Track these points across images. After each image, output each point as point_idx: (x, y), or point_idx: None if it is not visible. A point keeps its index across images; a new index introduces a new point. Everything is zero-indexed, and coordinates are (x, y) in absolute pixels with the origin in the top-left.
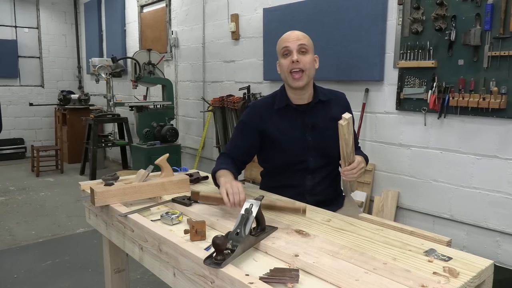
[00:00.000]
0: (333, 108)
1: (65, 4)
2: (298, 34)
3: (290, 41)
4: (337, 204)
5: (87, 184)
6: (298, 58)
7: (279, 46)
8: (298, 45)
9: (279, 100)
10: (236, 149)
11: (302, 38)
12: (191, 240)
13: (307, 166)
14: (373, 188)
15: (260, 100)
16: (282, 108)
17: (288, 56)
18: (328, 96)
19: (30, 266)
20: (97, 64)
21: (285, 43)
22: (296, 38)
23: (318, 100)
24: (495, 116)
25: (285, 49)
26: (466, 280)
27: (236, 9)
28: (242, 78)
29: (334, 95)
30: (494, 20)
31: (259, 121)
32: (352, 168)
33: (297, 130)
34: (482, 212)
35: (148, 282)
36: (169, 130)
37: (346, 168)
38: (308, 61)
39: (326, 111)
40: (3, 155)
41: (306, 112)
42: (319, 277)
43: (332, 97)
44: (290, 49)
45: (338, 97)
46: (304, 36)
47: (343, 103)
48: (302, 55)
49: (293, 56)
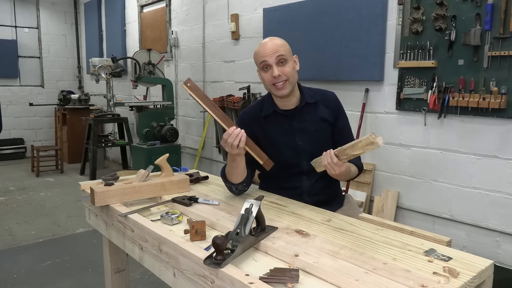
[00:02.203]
0: (320, 108)
1: (65, 4)
2: (273, 45)
3: (267, 55)
4: (337, 204)
5: (87, 184)
6: (279, 71)
7: (257, 60)
8: (276, 57)
9: (266, 107)
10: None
11: (278, 48)
12: (191, 240)
13: (302, 169)
14: (373, 188)
15: (249, 107)
16: (269, 114)
17: (268, 69)
18: (316, 97)
19: (30, 266)
20: (97, 64)
21: (262, 57)
22: (272, 50)
23: (305, 103)
24: (495, 116)
25: (263, 64)
26: (466, 280)
27: (236, 9)
28: (242, 78)
29: (322, 95)
30: (494, 20)
31: (251, 127)
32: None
33: (286, 136)
34: (482, 212)
35: (148, 282)
36: (169, 130)
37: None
38: (289, 70)
39: (314, 113)
40: (3, 155)
41: (294, 117)
42: (319, 277)
43: (319, 98)
44: (268, 63)
45: (326, 97)
46: (281, 44)
47: (331, 103)
48: (282, 67)
49: (274, 72)
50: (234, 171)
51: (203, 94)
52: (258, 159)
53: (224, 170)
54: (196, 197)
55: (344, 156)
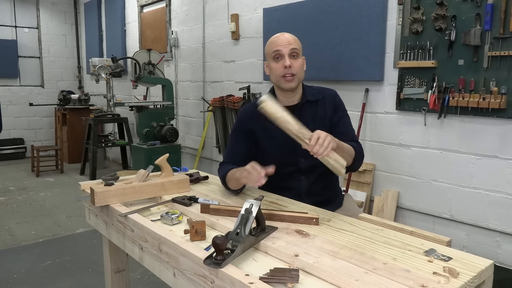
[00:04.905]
0: (320, 107)
1: (65, 4)
2: (289, 37)
3: (282, 45)
4: (336, 203)
5: (87, 184)
6: (290, 63)
7: (270, 49)
8: (290, 49)
9: None
10: (235, 157)
11: (293, 42)
12: (191, 240)
13: (299, 168)
14: (373, 188)
15: (249, 104)
16: None
17: (280, 60)
18: (316, 95)
19: (30, 266)
20: (97, 64)
21: (276, 47)
22: (287, 42)
23: (306, 101)
24: (495, 116)
25: (276, 53)
26: (466, 280)
27: (236, 9)
28: (242, 78)
29: (322, 94)
30: (494, 20)
31: (249, 124)
32: (316, 140)
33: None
34: (482, 212)
35: (148, 282)
36: (169, 130)
37: (310, 145)
38: (299, 66)
39: (314, 111)
40: (3, 155)
41: (294, 113)
42: (319, 277)
43: (320, 97)
44: (282, 53)
45: (326, 95)
46: (295, 39)
47: (331, 101)
48: (293, 60)
49: (286, 62)
50: (235, 184)
51: (216, 208)
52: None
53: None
54: (196, 197)
55: (302, 134)
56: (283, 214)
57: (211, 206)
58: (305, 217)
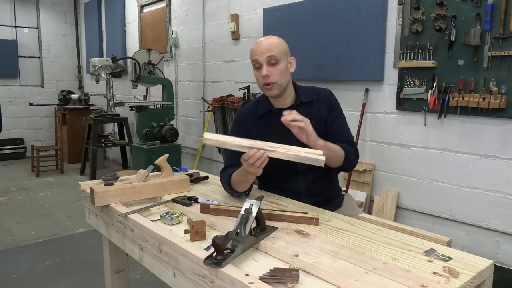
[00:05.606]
0: (315, 108)
1: (65, 4)
2: (267, 44)
3: (259, 54)
4: (336, 203)
5: (87, 184)
6: (268, 71)
7: (251, 58)
8: (266, 57)
9: (262, 106)
10: (236, 159)
11: (270, 48)
12: (191, 240)
13: (296, 169)
14: (373, 188)
15: (245, 107)
16: (265, 114)
17: (260, 69)
18: (311, 96)
19: (30, 266)
20: (97, 64)
21: (254, 56)
22: (264, 49)
23: (300, 102)
24: (495, 116)
25: (255, 62)
26: (466, 280)
27: (236, 9)
28: (242, 78)
29: (317, 94)
30: (494, 20)
31: (246, 127)
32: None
33: (280, 135)
34: (482, 212)
35: (148, 282)
36: (169, 130)
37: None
38: (278, 72)
39: (309, 112)
40: (3, 155)
41: None
42: (319, 277)
43: (314, 97)
44: (259, 62)
45: (320, 96)
46: (276, 44)
47: (326, 101)
48: (271, 67)
49: (263, 71)
50: (243, 184)
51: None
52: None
53: (228, 177)
54: (196, 197)
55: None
56: (283, 214)
57: (211, 206)
58: (305, 217)
